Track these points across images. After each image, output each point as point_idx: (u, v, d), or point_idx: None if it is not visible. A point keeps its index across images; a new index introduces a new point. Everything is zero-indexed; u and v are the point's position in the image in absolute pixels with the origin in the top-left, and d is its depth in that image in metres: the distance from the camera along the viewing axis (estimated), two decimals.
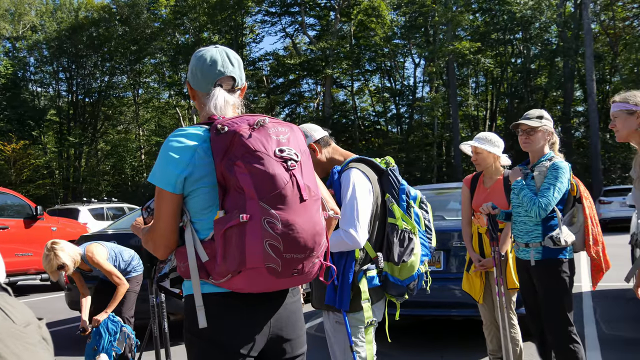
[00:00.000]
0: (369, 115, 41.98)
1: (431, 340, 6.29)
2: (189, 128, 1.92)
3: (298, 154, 1.86)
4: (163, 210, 1.90)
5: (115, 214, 16.76)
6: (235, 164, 1.76)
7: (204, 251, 1.83)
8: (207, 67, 2.03)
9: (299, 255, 1.80)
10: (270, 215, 1.74)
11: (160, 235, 1.93)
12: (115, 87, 43.39)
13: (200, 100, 2.07)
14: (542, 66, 35.56)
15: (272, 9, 38.50)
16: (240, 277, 1.77)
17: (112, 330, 5.22)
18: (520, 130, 3.99)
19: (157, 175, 1.89)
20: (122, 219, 8.62)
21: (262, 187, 1.75)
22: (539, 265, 3.78)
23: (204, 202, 1.87)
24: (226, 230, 1.74)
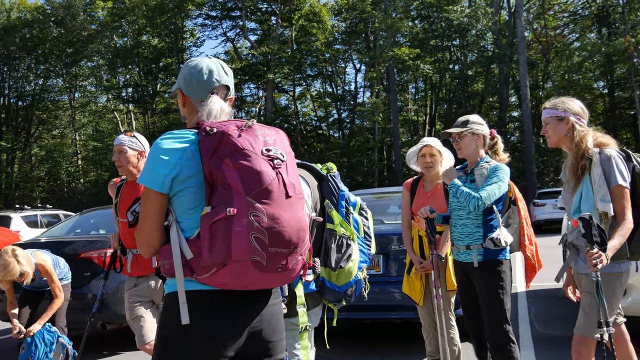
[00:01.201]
0: (310, 120, 42.12)
1: (371, 343, 6.36)
2: (177, 131, 2.00)
3: (284, 154, 1.96)
4: (149, 210, 1.96)
5: (50, 221, 16.25)
6: (224, 161, 1.84)
7: (188, 249, 1.87)
8: (203, 76, 2.12)
9: (284, 250, 1.87)
10: (256, 209, 1.82)
11: (145, 234, 1.98)
12: (50, 90, 41.96)
13: (191, 106, 2.15)
14: (479, 72, 36.53)
15: (212, 13, 38.15)
16: (225, 270, 1.81)
17: (49, 341, 5.09)
18: (451, 138, 4.13)
19: (145, 176, 1.95)
20: (56, 227, 8.37)
21: (249, 182, 1.83)
22: (480, 267, 3.89)
23: (190, 202, 1.93)
24: (213, 223, 1.80)
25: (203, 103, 2.11)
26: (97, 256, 6.15)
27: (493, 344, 3.89)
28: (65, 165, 41.93)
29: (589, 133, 3.37)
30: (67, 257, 5.86)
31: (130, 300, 4.23)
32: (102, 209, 8.10)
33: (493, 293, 3.86)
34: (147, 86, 38.18)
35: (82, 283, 6.06)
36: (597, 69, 34.16)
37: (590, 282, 3.18)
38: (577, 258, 3.39)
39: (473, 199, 3.73)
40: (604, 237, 2.99)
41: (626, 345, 3.52)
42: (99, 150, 37.67)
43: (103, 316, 5.97)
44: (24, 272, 4.90)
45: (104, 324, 6.19)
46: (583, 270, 3.32)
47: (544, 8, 36.52)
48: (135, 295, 4.22)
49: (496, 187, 3.79)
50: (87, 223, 7.98)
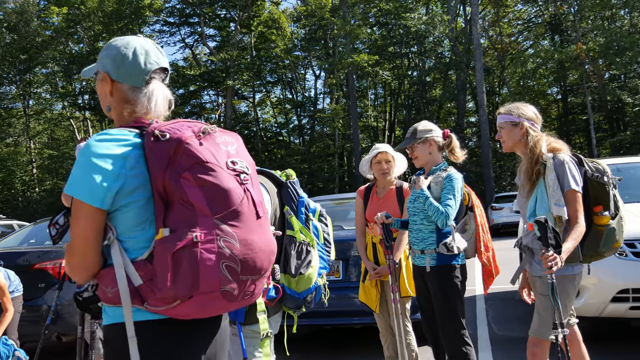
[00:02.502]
0: (271, 127, 42.04)
1: (331, 349, 6.37)
2: (113, 132, 1.69)
3: (249, 167, 1.73)
4: (84, 228, 1.64)
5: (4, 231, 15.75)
6: (182, 176, 1.59)
7: (136, 274, 1.61)
8: (139, 57, 1.81)
9: (254, 277, 1.67)
10: (227, 233, 1.59)
11: (80, 257, 1.67)
12: (3, 97, 40.80)
13: (122, 94, 1.82)
14: (437, 79, 37.07)
15: (170, 19, 37.81)
16: (190, 302, 1.58)
17: (5, 355, 4.96)
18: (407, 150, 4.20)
19: (78, 187, 1.63)
20: (9, 237, 8.15)
21: (216, 202, 1.59)
22: (433, 271, 3.94)
23: (137, 218, 1.65)
24: (176, 251, 1.55)
25: (139, 91, 1.81)
26: (51, 267, 6.01)
27: (449, 348, 3.95)
28: (20, 174, 40.82)
29: (542, 138, 3.45)
30: (20, 268, 5.72)
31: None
32: None
33: (445, 297, 3.92)
34: None
35: (36, 294, 5.92)
36: (550, 75, 35.07)
37: (545, 284, 3.25)
38: (532, 261, 3.46)
39: (441, 216, 3.80)
40: (558, 240, 3.05)
41: (579, 346, 3.61)
42: (55, 159, 36.82)
43: (58, 328, 5.83)
44: None
45: (60, 335, 6.04)
46: (537, 273, 3.39)
47: (498, 16, 37.36)
48: None
49: (455, 201, 3.87)
50: (42, 233, 7.79)
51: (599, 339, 5.53)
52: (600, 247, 3.44)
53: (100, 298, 1.69)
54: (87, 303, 1.83)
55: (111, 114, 1.86)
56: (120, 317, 1.65)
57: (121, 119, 1.82)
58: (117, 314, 1.66)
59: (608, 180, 3.40)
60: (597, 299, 5.04)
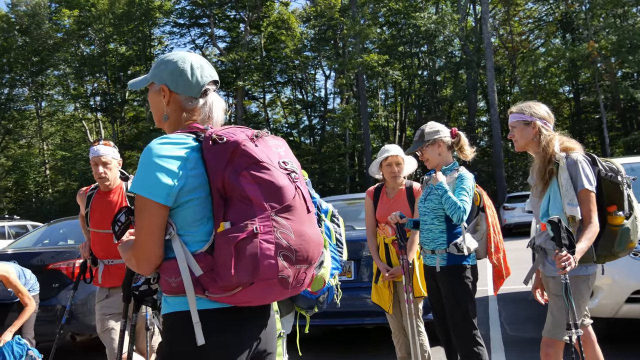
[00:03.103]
0: (281, 127, 42.10)
1: (343, 349, 6.37)
2: (173, 136, 1.84)
3: (297, 168, 1.88)
4: (148, 223, 1.78)
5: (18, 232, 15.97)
6: (241, 174, 1.73)
7: (197, 265, 1.75)
8: (196, 70, 1.99)
9: (305, 266, 1.81)
10: (283, 226, 1.74)
11: (145, 251, 1.80)
12: (16, 99, 41.24)
13: (179, 104, 1.99)
14: (447, 78, 36.97)
15: (180, 20, 37.98)
16: (250, 289, 1.72)
17: (18, 354, 5.01)
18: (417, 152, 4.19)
19: (144, 185, 1.77)
20: (24, 238, 8.23)
21: (272, 198, 1.74)
22: (444, 271, 3.93)
23: (195, 214, 1.79)
24: (238, 242, 1.69)
25: (196, 101, 1.99)
26: (65, 267, 6.06)
27: (461, 349, 3.94)
28: (33, 175, 41.21)
29: (555, 137, 3.43)
30: (35, 269, 5.76)
31: (102, 312, 4.17)
32: (71, 219, 7.98)
33: (456, 298, 3.91)
34: (116, 94, 37.78)
35: (50, 294, 5.96)
36: (562, 74, 34.85)
37: (558, 284, 3.23)
38: (545, 261, 3.44)
39: (458, 210, 3.77)
40: (572, 240, 3.03)
41: (593, 347, 3.58)
42: (67, 160, 37.14)
43: (72, 327, 5.87)
44: None
45: (74, 335, 6.08)
46: (550, 273, 3.37)
47: (509, 14, 37.18)
48: (107, 307, 4.17)
49: (468, 198, 3.86)
50: (56, 233, 7.86)
51: (613, 340, 5.50)
52: (614, 247, 3.42)
53: (163, 289, 1.83)
54: (143, 296, 1.95)
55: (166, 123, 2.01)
56: (180, 305, 1.79)
57: (178, 126, 1.98)
58: (179, 303, 1.80)
59: (622, 179, 3.37)
60: (611, 300, 5.01)
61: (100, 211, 4.18)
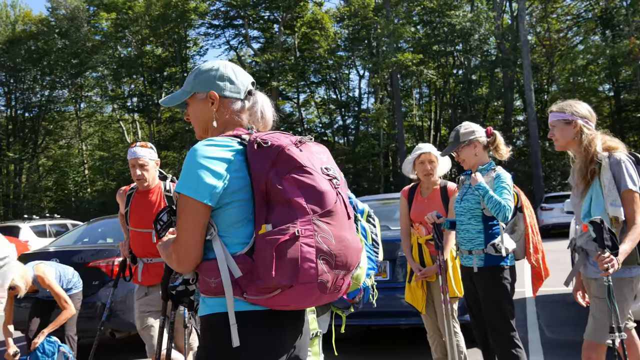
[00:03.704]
0: (315, 127, 42.14)
1: (379, 349, 6.35)
2: (218, 139, 1.86)
3: (338, 174, 1.89)
4: (191, 222, 1.79)
5: (58, 230, 16.33)
6: (284, 178, 1.75)
7: (237, 266, 1.76)
8: (236, 73, 2.05)
9: (344, 271, 1.80)
10: (324, 230, 1.74)
11: (186, 249, 1.82)
12: (56, 101, 42.19)
13: (228, 108, 2.02)
14: (483, 77, 36.50)
15: (215, 22, 38.34)
16: (289, 292, 1.72)
17: (50, 352, 5.09)
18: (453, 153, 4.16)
19: (188, 185, 1.79)
20: (64, 236, 8.41)
21: (314, 202, 1.75)
22: (481, 272, 3.89)
23: (237, 216, 1.81)
24: (280, 244, 1.69)
25: (243, 102, 2.04)
26: (105, 265, 6.18)
27: (498, 351, 3.89)
28: (73, 175, 42.11)
29: (597, 136, 3.35)
30: (75, 266, 5.88)
31: (141, 310, 4.23)
32: (110, 218, 8.13)
33: (494, 299, 3.87)
34: (152, 95, 38.30)
35: (90, 292, 6.08)
36: (602, 72, 34.07)
37: (600, 287, 3.17)
38: (587, 262, 3.37)
39: (503, 209, 3.73)
40: (615, 241, 2.97)
41: (637, 351, 3.50)
42: (105, 160, 37.84)
43: (112, 324, 5.98)
44: (15, 286, 4.87)
45: (113, 332, 6.20)
46: (592, 275, 3.31)
47: (546, 11, 36.51)
48: (146, 305, 4.23)
49: (510, 196, 3.83)
50: (95, 232, 8.02)
51: None
52: None
53: (202, 289, 1.83)
54: (180, 296, 1.96)
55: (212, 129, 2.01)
56: (219, 307, 1.80)
57: (226, 130, 2.00)
58: (217, 304, 1.80)
59: None
60: None
61: (140, 211, 4.24)
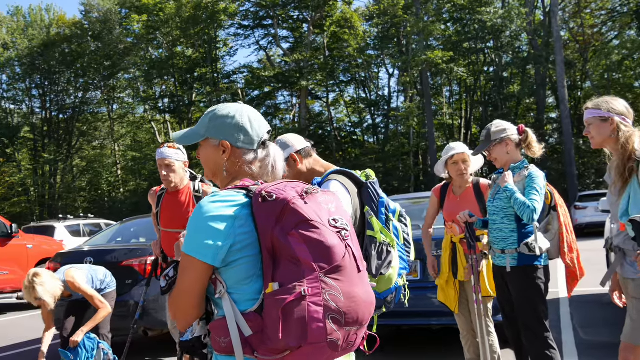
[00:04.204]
0: (345, 126, 42.11)
1: (410, 350, 6.31)
2: (223, 194, 1.82)
3: (348, 224, 1.83)
4: (191, 283, 1.78)
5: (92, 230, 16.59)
6: (290, 233, 1.69)
7: (246, 325, 1.71)
8: (254, 123, 2.00)
9: (356, 328, 1.74)
10: (332, 287, 1.68)
11: (182, 311, 1.81)
12: (90, 102, 42.98)
13: (240, 157, 1.98)
14: (514, 74, 36.06)
15: (245, 22, 38.53)
16: (299, 353, 1.67)
17: (90, 348, 5.19)
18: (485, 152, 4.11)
19: (192, 245, 1.76)
20: (98, 235, 8.55)
21: (321, 258, 1.68)
22: (514, 272, 3.84)
23: (246, 272, 1.77)
24: (286, 305, 1.64)
25: (255, 153, 1.99)
26: (137, 264, 6.26)
27: (532, 351, 3.83)
28: (106, 175, 42.86)
29: (635, 134, 3.27)
30: (109, 265, 5.97)
31: None
32: (142, 217, 8.23)
33: (527, 299, 3.81)
34: (183, 96, 38.72)
35: (123, 290, 6.17)
36: (638, 67, 33.37)
37: (638, 287, 3.10)
38: (624, 262, 3.30)
39: (528, 210, 3.69)
40: None
41: None
42: (138, 160, 38.39)
43: (145, 323, 6.05)
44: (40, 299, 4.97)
45: (146, 330, 6.27)
46: (630, 275, 3.23)
47: (580, 6, 35.89)
48: None
49: (539, 197, 3.77)
50: (128, 232, 8.13)
51: None
52: None
53: (213, 347, 1.80)
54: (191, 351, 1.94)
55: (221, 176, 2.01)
56: None
57: (234, 179, 1.98)
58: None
59: None
60: None
61: (170, 211, 4.28)
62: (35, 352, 7.24)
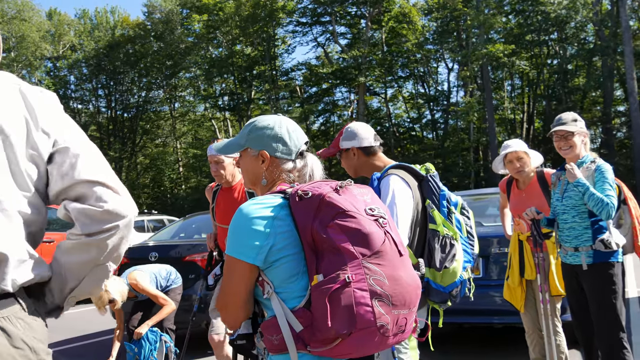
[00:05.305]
0: (403, 122, 41.80)
1: (472, 348, 6.21)
2: (261, 198, 1.88)
3: (385, 213, 1.86)
4: (237, 282, 1.83)
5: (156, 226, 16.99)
6: (328, 225, 1.73)
7: (296, 320, 1.75)
8: (293, 134, 2.05)
9: (405, 311, 1.76)
10: (375, 272, 1.71)
11: (232, 309, 1.87)
12: (152, 101, 44.21)
13: (278, 167, 2.03)
14: (580, 66, 34.93)
15: (303, 19, 38.69)
16: (349, 340, 1.68)
17: (152, 340, 5.34)
18: (557, 136, 3.93)
19: (234, 247, 1.82)
20: (162, 231, 8.75)
21: (361, 245, 1.72)
22: (590, 270, 3.70)
23: (290, 271, 1.80)
24: (332, 293, 1.68)
25: (294, 163, 2.03)
26: (200, 259, 6.38)
27: (604, 351, 3.70)
28: (168, 172, 43.96)
29: None
30: (173, 260, 6.11)
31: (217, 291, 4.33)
32: (204, 214, 8.38)
33: (604, 297, 3.67)
34: (242, 94, 39.27)
35: (187, 285, 6.29)
36: None
37: None
38: None
39: (606, 207, 3.55)
40: None
41: None
42: (199, 158, 39.20)
43: (206, 316, 6.16)
44: (112, 299, 5.16)
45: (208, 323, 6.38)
46: None
47: None
48: None
49: (613, 192, 3.63)
50: (190, 227, 8.29)
51: None
52: None
53: (266, 346, 1.83)
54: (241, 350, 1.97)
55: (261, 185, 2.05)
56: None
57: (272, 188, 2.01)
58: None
59: None
60: None
61: (224, 206, 4.34)
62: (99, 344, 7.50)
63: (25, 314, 1.45)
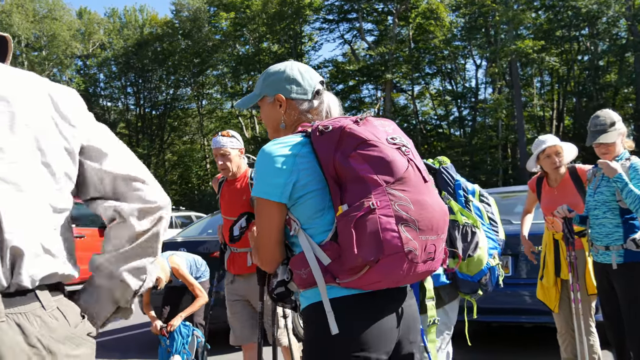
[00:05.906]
0: (430, 119, 41.50)
1: (500, 348, 6.15)
2: (282, 138, 1.89)
3: (407, 142, 1.86)
4: (269, 224, 1.84)
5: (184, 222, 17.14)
6: (350, 156, 1.73)
7: (324, 254, 1.75)
8: (303, 74, 2.05)
9: (433, 237, 1.76)
10: (399, 198, 1.70)
11: (267, 251, 1.88)
12: (180, 99, 44.61)
13: (296, 109, 2.03)
14: (611, 62, 34.27)
15: (329, 16, 38.64)
16: (377, 267, 1.68)
17: (185, 334, 5.38)
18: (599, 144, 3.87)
19: (260, 188, 1.83)
20: (190, 227, 8.83)
21: (384, 172, 1.72)
22: (620, 269, 3.64)
23: (315, 206, 1.81)
24: (356, 220, 1.67)
25: (311, 103, 2.04)
26: None
27: (636, 352, 3.63)
28: (195, 169, 44.32)
29: None
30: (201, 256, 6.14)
31: (229, 298, 4.31)
32: None
33: (635, 297, 3.60)
34: None
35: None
36: None
37: None
38: None
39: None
40: None
41: None
42: None
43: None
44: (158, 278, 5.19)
45: None
46: None
47: None
48: (232, 294, 4.28)
49: None
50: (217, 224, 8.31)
51: None
52: None
53: (296, 283, 1.83)
54: (281, 299, 1.95)
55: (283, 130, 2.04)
56: (314, 297, 1.80)
57: (293, 130, 2.01)
58: (313, 295, 1.80)
59: None
60: None
61: (228, 199, 4.32)
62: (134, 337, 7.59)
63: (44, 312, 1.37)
